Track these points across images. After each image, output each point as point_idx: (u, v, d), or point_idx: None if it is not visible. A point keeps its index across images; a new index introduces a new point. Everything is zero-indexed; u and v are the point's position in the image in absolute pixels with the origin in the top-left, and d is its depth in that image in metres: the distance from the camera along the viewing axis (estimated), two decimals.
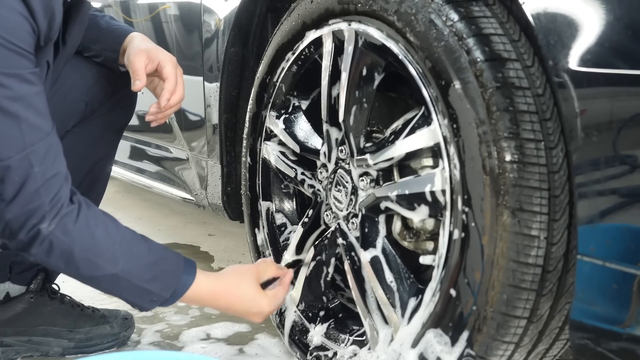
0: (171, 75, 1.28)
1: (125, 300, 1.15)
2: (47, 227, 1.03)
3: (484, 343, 0.96)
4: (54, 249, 1.05)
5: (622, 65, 0.80)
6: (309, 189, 1.35)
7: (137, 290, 1.12)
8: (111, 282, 1.10)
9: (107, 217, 1.12)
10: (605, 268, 0.82)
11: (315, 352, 1.29)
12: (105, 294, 1.19)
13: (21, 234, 1.03)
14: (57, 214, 1.04)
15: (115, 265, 1.09)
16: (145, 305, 1.16)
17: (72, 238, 1.06)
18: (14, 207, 1.01)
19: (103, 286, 1.12)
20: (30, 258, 1.07)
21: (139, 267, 1.12)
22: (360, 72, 1.15)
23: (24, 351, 1.43)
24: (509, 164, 0.90)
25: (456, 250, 0.98)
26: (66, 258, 1.06)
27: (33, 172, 1.01)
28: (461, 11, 0.97)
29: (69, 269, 1.08)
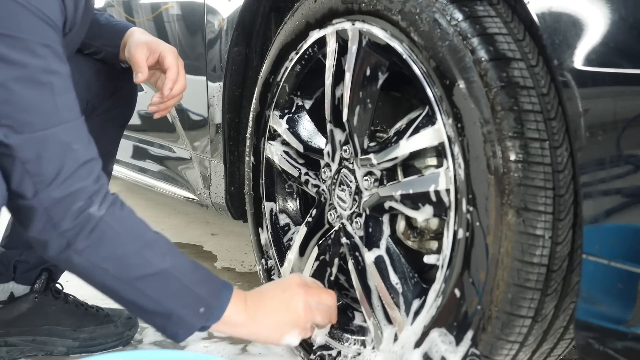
0: (173, 65, 1.29)
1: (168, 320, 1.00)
2: (97, 210, 0.93)
3: (489, 342, 0.96)
4: (104, 239, 0.94)
5: (627, 65, 0.80)
6: (313, 188, 1.35)
7: (186, 295, 0.99)
8: (160, 283, 0.98)
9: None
10: (610, 267, 0.82)
11: (319, 352, 1.29)
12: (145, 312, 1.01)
13: (66, 221, 0.91)
14: (105, 198, 0.94)
15: (164, 258, 0.98)
16: (192, 319, 1.00)
17: (123, 225, 0.96)
18: (56, 189, 0.90)
19: (150, 292, 0.98)
20: (75, 258, 0.93)
21: (185, 264, 1.01)
22: (364, 72, 1.15)
23: (28, 350, 1.43)
24: (514, 163, 0.90)
25: (461, 249, 0.98)
26: (117, 252, 0.95)
27: (72, 149, 0.93)
28: (465, 10, 0.97)
29: (118, 267, 0.95)
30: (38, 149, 0.90)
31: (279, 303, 1.09)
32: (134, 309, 1.00)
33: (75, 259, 0.94)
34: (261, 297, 1.10)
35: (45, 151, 0.91)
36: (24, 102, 0.90)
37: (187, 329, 1.01)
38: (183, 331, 1.01)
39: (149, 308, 0.99)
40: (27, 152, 0.90)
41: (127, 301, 0.99)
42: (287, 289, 1.11)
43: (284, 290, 1.11)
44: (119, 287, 0.97)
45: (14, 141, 0.89)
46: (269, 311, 1.08)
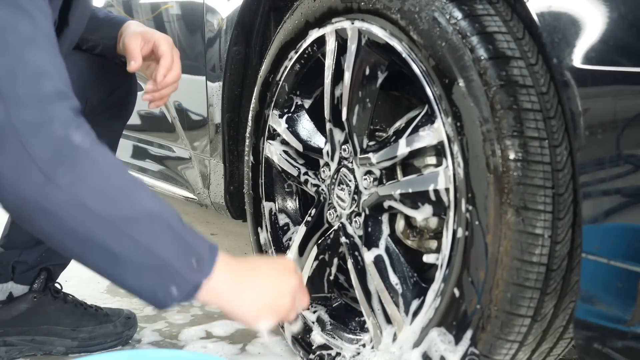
0: (167, 52, 1.28)
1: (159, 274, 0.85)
2: (76, 138, 0.82)
3: (488, 342, 0.96)
4: (90, 171, 0.82)
5: (626, 63, 0.80)
6: (312, 188, 1.35)
7: (178, 243, 0.86)
8: (151, 226, 0.85)
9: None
10: (609, 266, 0.82)
11: (319, 351, 1.29)
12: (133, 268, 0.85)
13: (44, 149, 0.79)
14: (89, 132, 0.84)
15: (153, 200, 0.86)
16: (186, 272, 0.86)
17: (109, 160, 0.85)
18: (29, 110, 0.79)
19: (139, 237, 0.84)
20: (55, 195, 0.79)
21: (173, 210, 0.89)
22: (364, 71, 1.15)
23: (27, 350, 1.43)
24: (513, 162, 0.90)
25: (460, 248, 0.98)
26: (104, 185, 0.83)
27: (50, 74, 0.84)
28: (465, 9, 0.97)
29: (105, 203, 0.82)
30: (13, 67, 0.81)
31: (270, 284, 0.97)
32: (120, 267, 0.84)
33: (53, 193, 0.79)
34: (253, 270, 0.97)
35: (21, 70, 0.81)
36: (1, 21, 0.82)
37: (181, 285, 0.86)
38: (177, 288, 0.86)
39: (138, 259, 0.84)
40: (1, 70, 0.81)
41: (112, 255, 0.83)
42: (282, 272, 0.98)
43: (279, 272, 0.99)
44: (104, 232, 0.82)
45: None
46: (257, 288, 0.95)
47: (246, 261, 0.97)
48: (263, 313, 0.95)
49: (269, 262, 1.03)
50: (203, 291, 0.88)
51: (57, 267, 1.48)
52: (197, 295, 0.88)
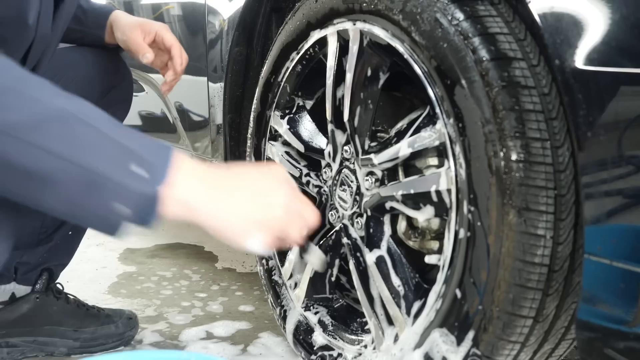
0: (174, 41, 1.33)
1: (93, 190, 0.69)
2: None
3: (490, 342, 0.96)
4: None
5: (628, 65, 0.80)
6: (314, 188, 1.35)
7: (107, 146, 0.70)
8: (63, 129, 0.68)
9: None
10: (612, 267, 0.82)
11: (320, 352, 1.29)
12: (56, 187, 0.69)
13: None
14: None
15: (64, 99, 0.70)
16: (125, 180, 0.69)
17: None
18: None
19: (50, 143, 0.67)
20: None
21: (99, 113, 0.72)
22: (365, 72, 1.15)
23: (30, 351, 1.43)
24: (515, 163, 0.90)
25: (462, 249, 0.98)
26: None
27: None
28: (467, 10, 0.97)
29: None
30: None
31: (256, 191, 0.79)
32: (40, 187, 0.69)
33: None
34: (232, 174, 0.80)
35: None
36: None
37: (124, 198, 0.69)
38: (120, 202, 0.69)
39: (61, 175, 0.68)
40: None
41: (24, 172, 0.67)
42: (268, 178, 0.82)
43: (265, 178, 0.82)
44: (8, 148, 0.66)
45: None
46: (241, 197, 0.78)
47: (219, 166, 0.80)
48: (252, 226, 0.77)
49: (251, 167, 0.84)
50: (165, 203, 0.71)
51: (58, 267, 1.48)
52: (156, 209, 0.71)
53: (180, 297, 1.79)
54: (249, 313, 1.69)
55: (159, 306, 1.73)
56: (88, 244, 2.19)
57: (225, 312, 1.69)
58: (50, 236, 1.43)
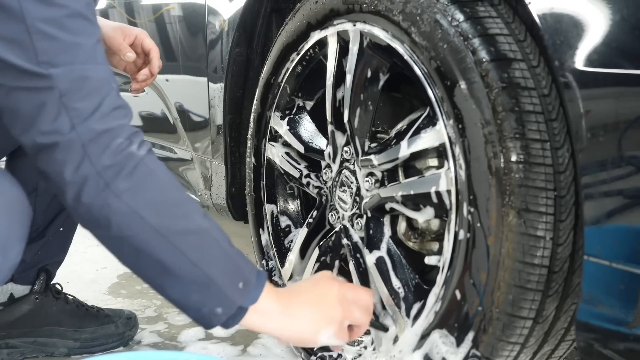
0: (153, 45, 1.39)
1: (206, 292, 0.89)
2: (138, 150, 0.86)
3: (490, 344, 0.96)
4: (146, 182, 0.86)
5: (628, 66, 0.80)
6: (314, 189, 1.35)
7: (226, 263, 0.90)
8: (201, 243, 0.88)
9: None
10: (611, 269, 0.82)
11: (320, 353, 1.29)
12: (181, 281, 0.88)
13: (106, 158, 0.83)
14: (144, 142, 0.88)
15: (204, 217, 0.90)
16: (232, 293, 0.89)
17: (164, 172, 0.88)
18: (95, 122, 0.84)
19: (189, 252, 0.87)
20: (113, 202, 0.84)
21: (222, 232, 0.92)
22: (365, 73, 1.15)
23: (29, 352, 1.43)
24: (515, 164, 0.90)
25: (462, 250, 0.98)
26: (159, 198, 0.87)
27: (111, 87, 0.88)
28: (467, 11, 0.97)
29: (159, 215, 0.86)
30: (78, 82, 0.85)
31: (313, 296, 0.99)
32: (169, 279, 0.88)
33: (113, 202, 0.84)
34: (292, 291, 1.01)
35: (85, 85, 0.85)
36: (63, 40, 0.85)
37: (226, 306, 0.89)
38: (222, 309, 0.89)
39: (187, 274, 0.87)
40: (66, 84, 0.84)
41: (162, 266, 0.87)
42: (319, 282, 1.01)
43: (316, 283, 1.02)
44: (156, 243, 0.86)
45: (55, 72, 0.83)
46: (303, 304, 0.98)
47: (286, 288, 1.04)
48: (318, 325, 0.97)
49: (306, 281, 1.07)
50: (250, 315, 0.92)
51: (54, 265, 1.48)
52: (242, 318, 0.91)
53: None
54: None
55: (159, 307, 1.73)
56: (88, 244, 2.19)
57: None
58: (42, 233, 1.43)
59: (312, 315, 0.97)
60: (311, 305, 0.98)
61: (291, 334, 0.97)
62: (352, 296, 1.01)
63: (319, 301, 0.98)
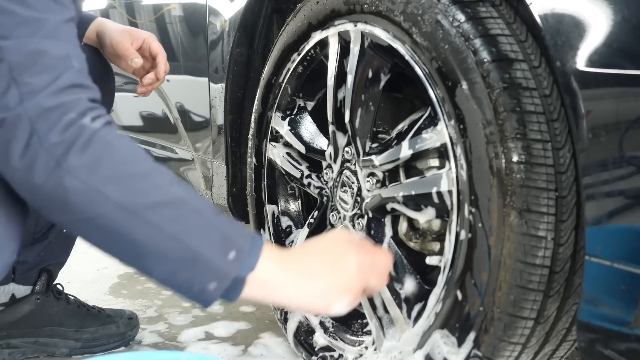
0: (160, 50, 1.39)
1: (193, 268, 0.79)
2: (91, 122, 0.78)
3: (491, 344, 0.96)
4: (102, 156, 0.77)
5: (629, 66, 0.80)
6: (315, 190, 1.35)
7: (211, 232, 0.80)
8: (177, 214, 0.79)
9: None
10: (613, 269, 0.82)
11: (321, 353, 1.29)
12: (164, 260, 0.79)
13: (54, 134, 0.76)
14: (100, 115, 0.80)
15: (177, 186, 0.81)
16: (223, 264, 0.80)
17: (125, 144, 0.80)
18: (45, 98, 0.77)
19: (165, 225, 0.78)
20: (67, 180, 0.75)
21: (202, 199, 0.83)
22: (366, 73, 1.15)
23: (31, 352, 1.43)
24: (516, 165, 0.90)
25: (463, 251, 0.98)
26: (120, 172, 0.78)
27: (71, 65, 0.81)
28: (468, 12, 0.97)
29: (122, 191, 0.77)
30: (32, 56, 0.79)
31: (326, 263, 0.88)
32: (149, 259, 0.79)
33: (67, 180, 0.76)
34: (303, 255, 0.90)
35: (39, 60, 0.79)
36: (21, 15, 0.80)
37: (219, 279, 0.80)
38: (215, 283, 0.80)
39: (168, 251, 0.78)
40: (18, 57, 0.78)
41: (139, 246, 0.78)
42: (334, 246, 0.91)
43: (330, 247, 0.91)
44: (126, 222, 0.77)
45: (6, 44, 0.78)
46: (315, 272, 0.87)
47: (295, 250, 0.92)
48: (332, 295, 0.87)
49: (320, 241, 0.93)
50: (249, 286, 0.82)
51: (56, 266, 1.48)
52: (242, 290, 0.82)
53: (181, 298, 1.79)
54: (249, 314, 1.69)
55: (160, 307, 1.73)
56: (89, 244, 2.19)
57: (226, 313, 1.69)
58: (45, 234, 1.43)
59: (325, 287, 0.87)
60: (325, 274, 0.87)
61: (300, 305, 0.88)
62: (369, 262, 0.92)
63: (333, 269, 0.88)
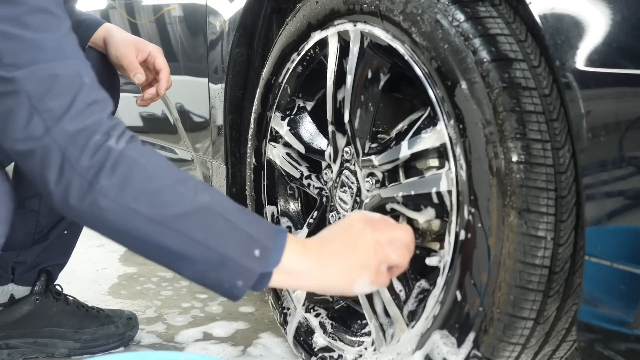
0: (165, 65, 1.38)
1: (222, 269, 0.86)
2: (116, 144, 0.83)
3: (491, 344, 0.96)
4: (131, 175, 0.83)
5: (629, 66, 0.80)
6: (314, 190, 1.35)
7: (236, 234, 0.86)
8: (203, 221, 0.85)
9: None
10: (612, 269, 0.82)
11: (321, 354, 1.29)
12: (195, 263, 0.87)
13: (84, 158, 0.81)
14: (123, 133, 0.85)
15: (202, 194, 0.86)
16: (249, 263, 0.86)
17: (149, 159, 0.86)
18: (69, 123, 0.81)
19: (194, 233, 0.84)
20: (101, 201, 0.82)
21: (228, 201, 0.89)
22: (366, 73, 1.15)
23: (30, 353, 1.42)
24: (516, 165, 0.90)
25: (462, 251, 0.98)
26: (147, 187, 0.84)
27: (83, 82, 0.85)
28: (467, 11, 0.97)
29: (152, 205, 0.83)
30: (46, 82, 0.82)
31: (343, 244, 0.94)
32: (181, 263, 0.86)
33: (102, 202, 0.82)
34: (321, 241, 0.95)
35: (54, 84, 0.82)
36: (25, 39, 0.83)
37: (246, 277, 0.86)
38: (243, 281, 0.86)
39: (198, 256, 0.85)
40: (34, 86, 0.81)
41: (171, 252, 0.85)
42: (349, 228, 0.95)
43: (346, 229, 0.95)
44: (157, 233, 0.84)
45: (19, 74, 0.81)
46: (334, 255, 0.92)
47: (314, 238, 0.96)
48: (351, 276, 0.92)
49: (337, 226, 0.98)
50: (275, 277, 0.88)
51: (56, 267, 1.48)
52: (269, 281, 0.88)
53: (180, 298, 1.79)
54: (249, 314, 1.69)
55: (159, 307, 1.73)
56: (89, 244, 2.19)
57: (225, 313, 1.69)
58: (45, 235, 1.43)
59: (344, 267, 0.92)
60: (343, 255, 0.93)
61: (324, 287, 0.94)
62: (386, 238, 0.95)
63: (351, 250, 0.93)
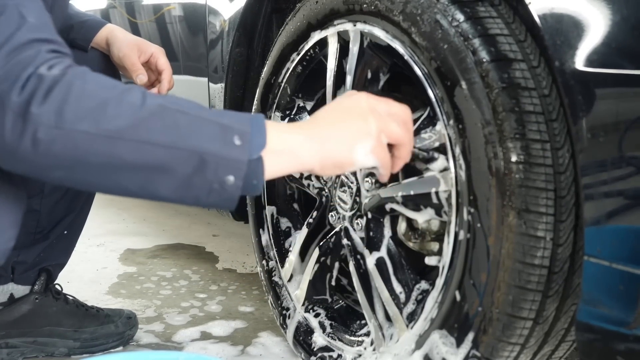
0: (167, 66, 1.38)
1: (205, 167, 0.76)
2: (48, 71, 0.75)
3: (490, 344, 0.96)
4: (67, 96, 0.74)
5: (628, 66, 0.80)
6: (314, 190, 1.35)
7: (207, 127, 0.77)
8: (163, 120, 0.75)
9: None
10: (611, 269, 0.82)
11: (320, 353, 1.29)
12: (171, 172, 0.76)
13: (15, 92, 0.73)
14: (59, 62, 0.77)
15: (152, 98, 0.77)
16: (232, 152, 0.76)
17: (88, 79, 0.77)
18: (2, 58, 0.75)
19: (156, 136, 0.74)
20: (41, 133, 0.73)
21: (187, 101, 0.80)
22: (366, 73, 1.15)
23: (29, 352, 1.42)
24: (515, 165, 0.90)
25: (462, 251, 0.98)
26: (89, 104, 0.74)
27: (27, 21, 0.79)
28: (467, 11, 0.97)
29: (99, 121, 0.73)
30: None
31: (338, 113, 0.87)
32: (157, 178, 0.76)
33: (41, 133, 0.73)
34: (316, 116, 0.88)
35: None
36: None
37: (235, 169, 0.76)
38: (233, 174, 0.77)
39: (171, 162, 0.75)
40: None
41: (140, 168, 0.75)
42: (343, 99, 0.89)
43: (340, 101, 0.89)
44: (116, 150, 0.74)
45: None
46: (329, 123, 0.86)
47: (309, 117, 0.89)
48: (351, 140, 0.84)
49: (332, 102, 0.92)
50: (269, 162, 0.79)
51: (56, 267, 1.48)
52: (263, 171, 0.79)
53: (179, 298, 1.79)
54: (248, 313, 1.69)
55: (159, 307, 1.73)
56: (88, 244, 2.19)
57: (224, 312, 1.69)
58: (46, 235, 1.43)
59: (342, 132, 0.84)
60: (338, 121, 0.85)
61: (324, 160, 0.84)
62: (384, 109, 0.88)
63: (346, 115, 0.86)
